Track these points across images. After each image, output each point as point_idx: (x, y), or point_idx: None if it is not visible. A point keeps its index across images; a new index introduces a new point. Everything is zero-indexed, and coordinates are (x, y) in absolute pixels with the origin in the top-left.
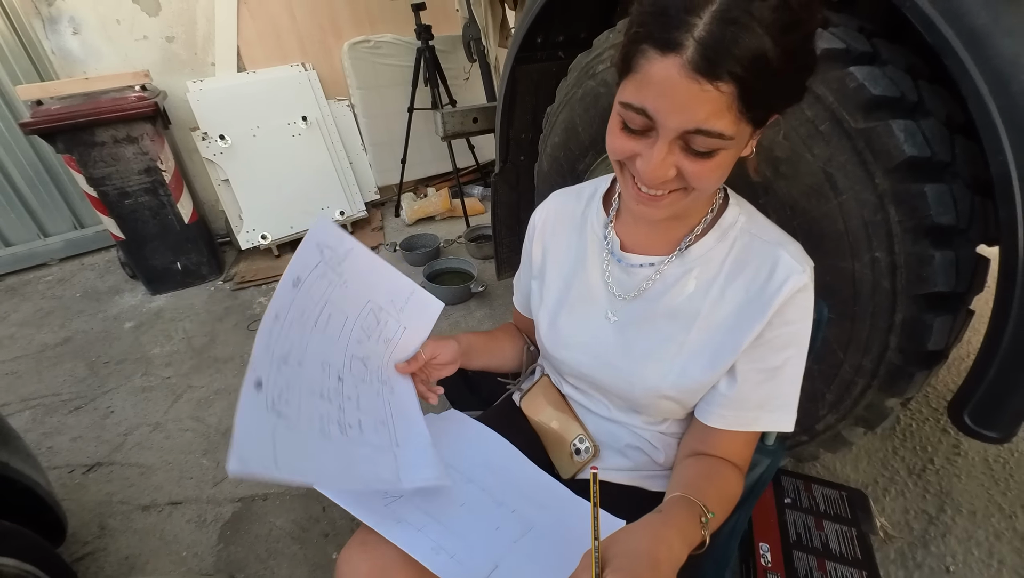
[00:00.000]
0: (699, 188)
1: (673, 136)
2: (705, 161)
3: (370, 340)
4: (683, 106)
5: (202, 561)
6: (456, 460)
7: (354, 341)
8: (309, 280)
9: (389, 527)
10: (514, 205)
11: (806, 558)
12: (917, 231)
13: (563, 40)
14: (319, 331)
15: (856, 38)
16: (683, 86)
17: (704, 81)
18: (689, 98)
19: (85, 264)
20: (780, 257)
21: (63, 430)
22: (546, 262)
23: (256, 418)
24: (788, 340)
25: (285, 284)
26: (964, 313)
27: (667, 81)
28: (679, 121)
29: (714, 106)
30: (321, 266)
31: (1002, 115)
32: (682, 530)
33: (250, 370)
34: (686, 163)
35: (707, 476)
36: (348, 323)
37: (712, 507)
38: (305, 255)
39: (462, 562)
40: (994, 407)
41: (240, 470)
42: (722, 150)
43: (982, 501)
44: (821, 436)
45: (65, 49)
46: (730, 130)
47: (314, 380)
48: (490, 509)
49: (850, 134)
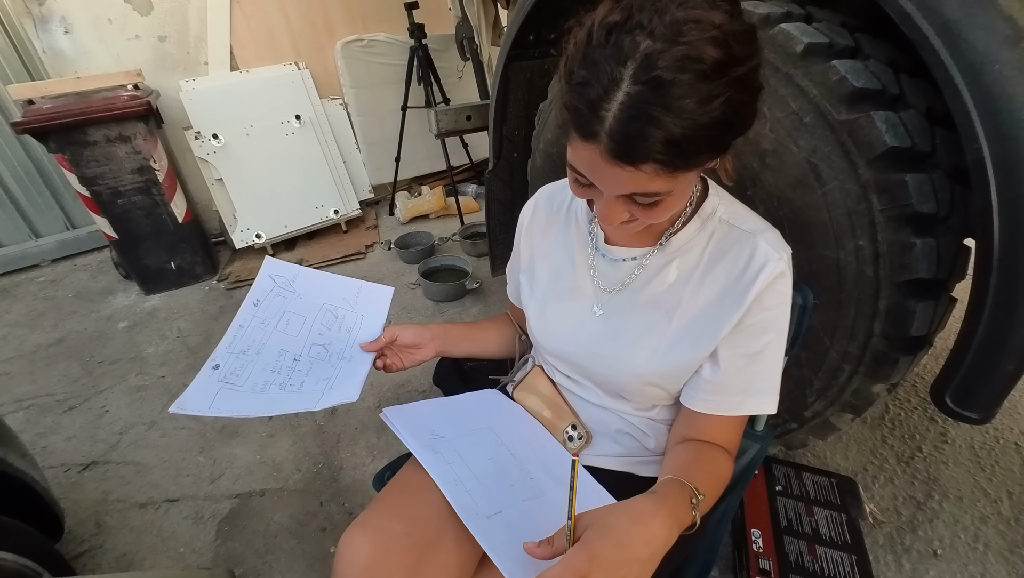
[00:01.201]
0: (657, 222)
1: (616, 194)
2: (654, 208)
3: (330, 331)
4: (612, 182)
5: (200, 557)
6: (495, 425)
7: (315, 333)
8: (266, 300)
9: (426, 454)
10: (508, 202)
11: (797, 543)
12: (899, 219)
13: (555, 38)
14: (279, 331)
15: (839, 33)
16: (607, 169)
17: (625, 165)
18: (615, 177)
19: (78, 265)
20: (757, 245)
21: (57, 430)
22: (535, 256)
23: (206, 385)
24: (767, 325)
25: (247, 305)
26: (946, 300)
27: (592, 162)
28: (614, 190)
29: (641, 179)
30: (276, 289)
31: (976, 105)
32: (672, 511)
33: (211, 358)
34: (636, 210)
35: (697, 460)
36: (307, 322)
37: (702, 489)
38: (260, 284)
39: (474, 499)
40: (974, 389)
41: (177, 411)
42: (668, 196)
43: (968, 487)
44: (810, 423)
45: (56, 48)
46: (666, 188)
47: (268, 361)
48: (512, 468)
49: (833, 126)
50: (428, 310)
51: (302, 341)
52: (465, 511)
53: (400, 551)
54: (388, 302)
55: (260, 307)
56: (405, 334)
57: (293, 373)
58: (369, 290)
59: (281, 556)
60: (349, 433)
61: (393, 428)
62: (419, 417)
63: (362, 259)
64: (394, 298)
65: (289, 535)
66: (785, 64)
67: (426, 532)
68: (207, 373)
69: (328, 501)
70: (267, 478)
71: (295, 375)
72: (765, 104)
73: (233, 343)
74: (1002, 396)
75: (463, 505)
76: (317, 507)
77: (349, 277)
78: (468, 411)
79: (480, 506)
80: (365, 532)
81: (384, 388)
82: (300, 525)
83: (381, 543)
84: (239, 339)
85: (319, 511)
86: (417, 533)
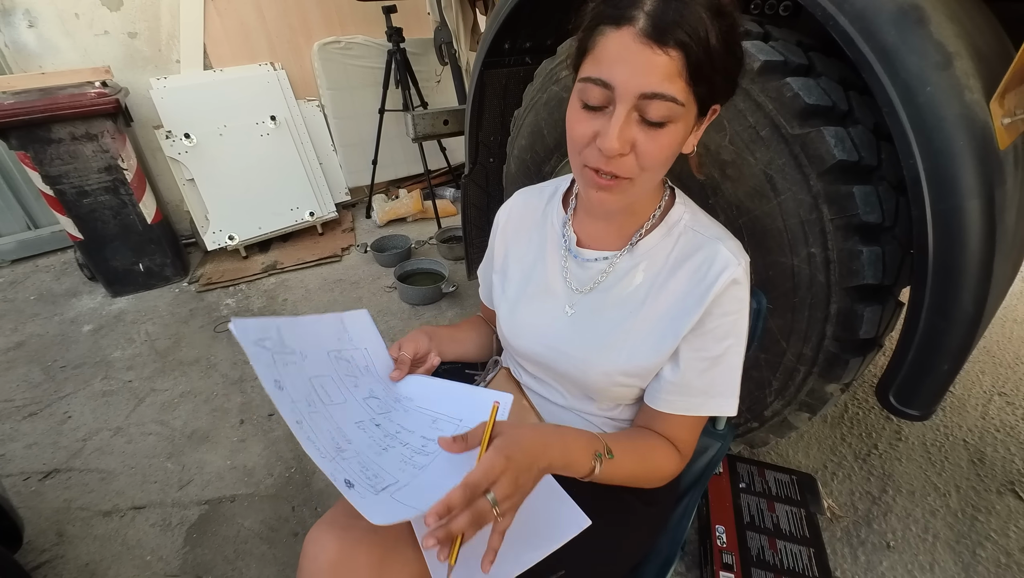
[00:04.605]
0: (647, 168)
1: (631, 103)
2: (658, 134)
3: (361, 376)
4: (638, 70)
5: (167, 564)
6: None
7: (353, 387)
8: (282, 376)
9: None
10: (484, 206)
11: (759, 538)
12: (847, 228)
13: (530, 47)
14: (332, 405)
15: (794, 51)
16: (637, 51)
17: (655, 46)
18: (643, 62)
19: (39, 266)
20: (719, 251)
21: (16, 437)
22: (508, 257)
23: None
24: (728, 330)
25: (274, 392)
26: (893, 304)
27: (623, 49)
28: (636, 84)
29: (665, 70)
30: (274, 357)
31: (911, 123)
32: (567, 445)
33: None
34: (641, 136)
35: (631, 435)
36: (336, 379)
37: (617, 454)
38: (258, 360)
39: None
40: (914, 388)
41: None
42: (671, 123)
43: (920, 482)
44: (769, 422)
45: (20, 43)
46: (681, 96)
47: (374, 440)
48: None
49: (787, 139)
50: (404, 314)
51: (356, 402)
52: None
53: (365, 547)
54: (372, 323)
55: (286, 390)
56: (420, 344)
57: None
58: (350, 319)
59: (252, 562)
60: None
61: None
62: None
63: (338, 262)
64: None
65: (260, 541)
66: (743, 80)
67: (392, 529)
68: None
69: (300, 506)
70: (238, 483)
71: (402, 435)
72: (725, 117)
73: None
74: (940, 394)
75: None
76: (289, 512)
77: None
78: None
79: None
80: (331, 529)
81: None
82: (271, 530)
83: (346, 539)
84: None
85: (291, 516)
86: (383, 530)
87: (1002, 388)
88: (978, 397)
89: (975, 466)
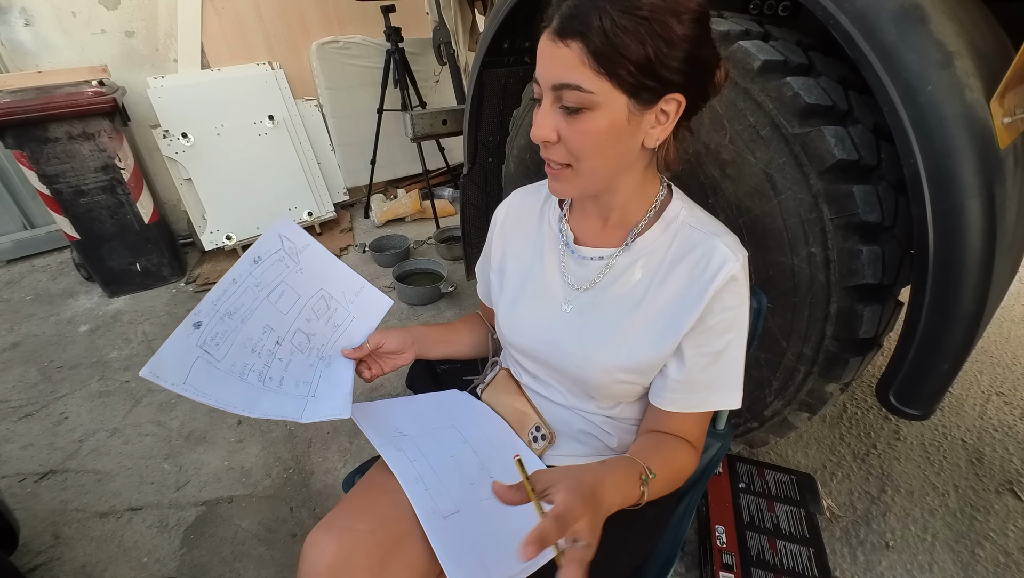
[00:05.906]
0: (577, 155)
1: (551, 94)
2: (576, 121)
3: (318, 321)
4: (548, 63)
5: (164, 566)
6: (460, 424)
7: (302, 318)
8: (268, 261)
9: (389, 451)
10: (482, 206)
11: (758, 538)
12: (847, 228)
13: (529, 46)
14: (270, 302)
15: (794, 51)
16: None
17: (558, 40)
18: (551, 55)
19: (36, 266)
20: (716, 247)
21: (12, 438)
22: (506, 255)
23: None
24: (729, 324)
25: (246, 259)
26: (893, 304)
27: (543, 48)
28: (549, 76)
29: (568, 61)
30: (280, 252)
31: (912, 123)
32: (618, 481)
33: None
34: (563, 124)
35: (655, 445)
36: (299, 302)
37: (656, 469)
38: (267, 240)
39: (433, 498)
40: (914, 387)
41: (149, 377)
42: (588, 110)
43: (919, 481)
44: (769, 421)
45: (16, 41)
46: (588, 84)
47: (251, 337)
48: (472, 468)
49: (787, 139)
50: (403, 313)
51: (289, 322)
52: (423, 510)
53: (365, 551)
54: (383, 313)
55: (259, 266)
56: (391, 341)
57: (273, 361)
58: (369, 293)
59: (249, 563)
60: (320, 438)
61: (359, 425)
62: (385, 415)
63: None
64: None
65: (258, 542)
66: (743, 79)
67: (392, 531)
68: (186, 330)
69: (298, 507)
70: (235, 484)
71: (274, 364)
72: (725, 116)
73: (221, 299)
74: (940, 393)
75: (422, 504)
76: (287, 513)
77: (355, 273)
78: (434, 410)
79: (438, 505)
80: (330, 532)
81: (357, 391)
82: (269, 532)
83: (346, 543)
84: (228, 295)
85: (289, 517)
86: (382, 533)
87: (1000, 388)
88: (976, 397)
89: (973, 466)
